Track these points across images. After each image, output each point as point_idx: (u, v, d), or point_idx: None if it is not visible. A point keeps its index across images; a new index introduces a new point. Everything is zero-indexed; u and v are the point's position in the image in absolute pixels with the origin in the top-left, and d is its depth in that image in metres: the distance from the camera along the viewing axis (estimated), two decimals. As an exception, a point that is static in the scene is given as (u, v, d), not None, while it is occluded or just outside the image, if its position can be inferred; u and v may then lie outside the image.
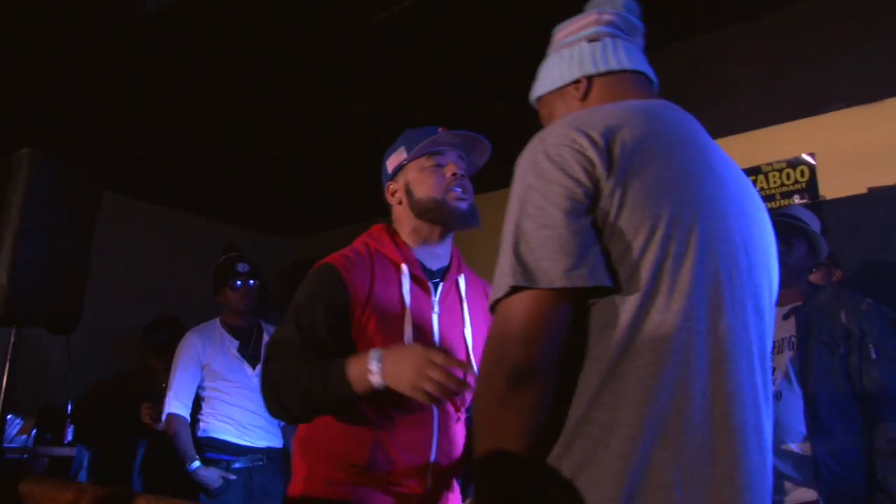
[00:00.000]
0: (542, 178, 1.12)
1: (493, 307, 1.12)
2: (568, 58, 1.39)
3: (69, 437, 4.18)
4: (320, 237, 6.08)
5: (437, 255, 1.91)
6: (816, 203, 3.69)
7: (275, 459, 3.49)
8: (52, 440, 4.12)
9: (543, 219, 1.09)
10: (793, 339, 2.57)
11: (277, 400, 1.66)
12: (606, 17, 1.41)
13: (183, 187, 5.54)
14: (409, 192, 1.89)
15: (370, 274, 1.80)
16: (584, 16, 1.43)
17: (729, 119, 4.13)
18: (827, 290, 2.68)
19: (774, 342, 2.57)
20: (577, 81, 1.38)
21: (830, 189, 3.73)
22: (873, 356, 2.44)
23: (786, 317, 2.63)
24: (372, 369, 1.53)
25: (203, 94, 4.89)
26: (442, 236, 1.90)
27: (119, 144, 4.88)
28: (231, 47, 4.41)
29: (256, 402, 3.36)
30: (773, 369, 2.52)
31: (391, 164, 1.95)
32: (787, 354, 2.56)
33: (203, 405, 3.48)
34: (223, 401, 3.43)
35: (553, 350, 1.08)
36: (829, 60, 3.89)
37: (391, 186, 1.95)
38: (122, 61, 4.45)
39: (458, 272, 1.95)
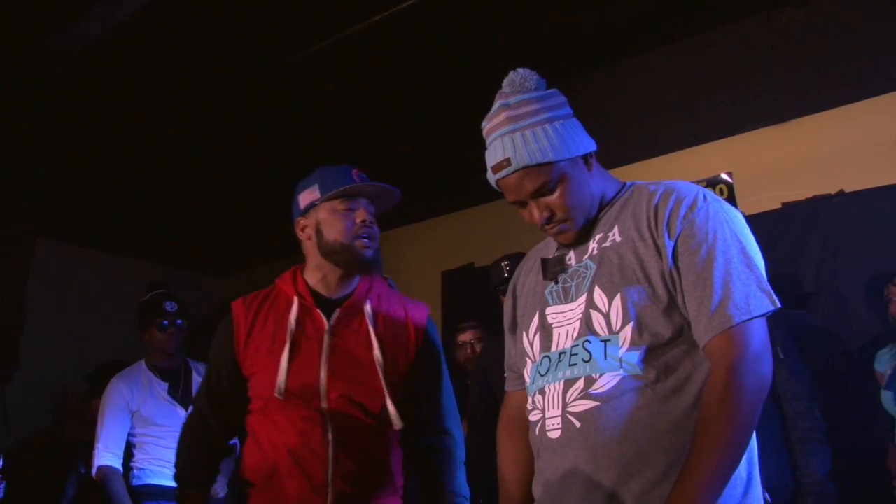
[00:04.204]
0: (745, 229, 1.47)
1: (733, 323, 1.34)
2: (571, 130, 1.54)
3: (0, 495, 4.00)
4: (261, 271, 6.04)
5: (336, 286, 2.00)
6: (736, 219, 3.85)
7: (215, 499, 3.40)
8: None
9: (758, 258, 1.43)
10: None
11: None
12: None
13: (118, 230, 5.45)
14: (318, 231, 1.98)
15: (258, 310, 1.98)
16: (553, 93, 1.57)
17: (650, 141, 4.31)
18: None
19: None
20: (588, 154, 1.56)
21: (748, 205, 3.90)
22: (781, 356, 2.62)
23: None
24: None
25: (132, 131, 4.85)
26: (342, 279, 2.00)
27: (50, 189, 4.79)
28: (160, 85, 4.40)
29: None
30: None
31: (303, 200, 2.02)
32: None
33: (135, 452, 3.29)
34: (158, 445, 3.26)
35: None
36: (743, 83, 4.11)
37: (301, 221, 2.03)
38: (46, 103, 4.39)
39: (364, 298, 2.01)
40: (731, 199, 4.00)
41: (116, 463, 3.21)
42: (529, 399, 1.58)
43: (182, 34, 3.96)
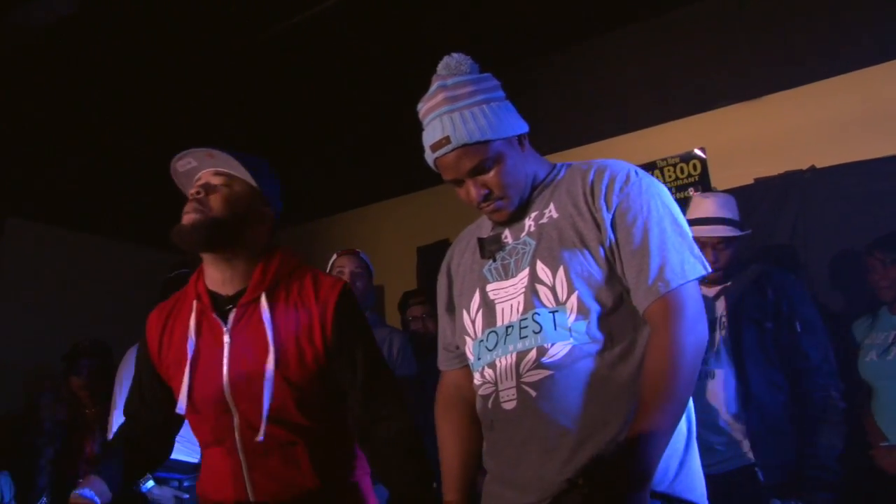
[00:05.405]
0: (673, 201, 1.55)
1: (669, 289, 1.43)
2: (506, 111, 1.61)
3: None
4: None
5: (228, 280, 1.81)
6: (709, 194, 3.89)
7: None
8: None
9: (687, 228, 1.52)
10: (723, 319, 2.70)
11: None
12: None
13: (89, 209, 5.36)
14: None
15: (167, 319, 1.87)
16: (487, 77, 1.64)
17: (624, 118, 4.33)
18: (754, 268, 2.81)
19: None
20: (522, 135, 1.63)
21: (721, 181, 3.95)
22: (798, 329, 2.62)
23: (716, 297, 2.76)
24: None
25: (100, 108, 4.78)
26: (222, 270, 1.81)
27: (19, 168, 4.71)
28: (129, 61, 4.33)
29: None
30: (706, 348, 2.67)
31: None
32: (719, 334, 2.68)
33: None
34: None
35: None
36: (716, 60, 4.13)
37: None
38: (14, 77, 4.30)
39: (258, 291, 1.77)
40: (705, 174, 4.05)
41: None
42: (477, 374, 1.61)
43: (152, 9, 3.89)
